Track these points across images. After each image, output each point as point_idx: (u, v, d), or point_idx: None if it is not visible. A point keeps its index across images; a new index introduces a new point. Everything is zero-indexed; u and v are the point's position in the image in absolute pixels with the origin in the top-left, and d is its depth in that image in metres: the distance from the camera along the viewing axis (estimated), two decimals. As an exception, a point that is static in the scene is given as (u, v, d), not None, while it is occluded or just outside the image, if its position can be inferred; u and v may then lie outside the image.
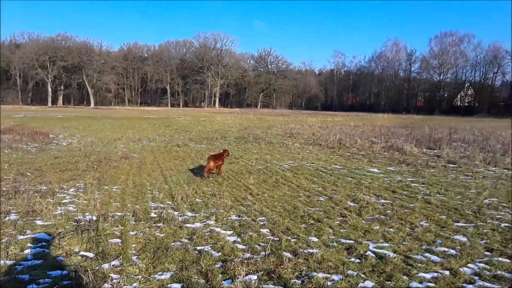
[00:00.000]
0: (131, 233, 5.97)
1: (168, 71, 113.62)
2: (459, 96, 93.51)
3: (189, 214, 7.15)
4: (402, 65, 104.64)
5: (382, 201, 8.28)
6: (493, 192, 9.18)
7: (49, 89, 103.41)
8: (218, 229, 6.23)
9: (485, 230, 6.27)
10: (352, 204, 7.99)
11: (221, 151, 11.88)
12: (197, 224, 6.46)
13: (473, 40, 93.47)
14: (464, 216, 7.10)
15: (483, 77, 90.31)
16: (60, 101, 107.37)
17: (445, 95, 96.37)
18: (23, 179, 10.08)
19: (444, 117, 64.85)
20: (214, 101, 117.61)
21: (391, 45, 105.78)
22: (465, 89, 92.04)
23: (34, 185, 9.25)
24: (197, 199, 8.30)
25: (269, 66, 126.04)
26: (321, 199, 8.45)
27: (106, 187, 9.41)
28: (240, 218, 6.93)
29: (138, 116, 52.28)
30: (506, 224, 6.59)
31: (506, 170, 12.28)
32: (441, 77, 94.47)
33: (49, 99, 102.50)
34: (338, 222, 6.75)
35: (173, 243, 5.55)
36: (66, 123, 34.24)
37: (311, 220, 6.80)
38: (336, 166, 12.96)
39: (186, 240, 5.71)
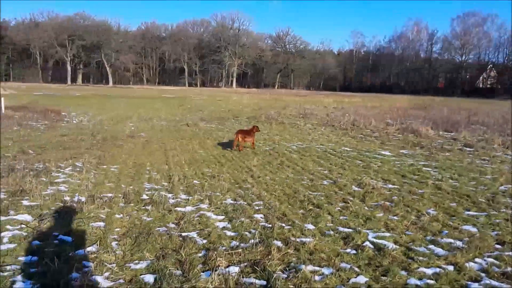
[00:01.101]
0: (117, 216, 5.66)
1: (185, 51, 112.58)
2: (481, 77, 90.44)
3: (183, 196, 6.82)
4: (423, 46, 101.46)
5: (390, 186, 7.81)
6: (510, 178, 8.59)
7: (69, 68, 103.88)
8: (209, 214, 5.87)
9: (497, 220, 5.76)
10: (356, 188, 7.54)
11: (251, 127, 12.56)
12: (188, 208, 6.12)
13: (497, 20, 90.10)
14: (476, 204, 6.59)
15: (506, 58, 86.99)
16: (80, 80, 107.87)
17: (467, 76, 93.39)
18: (23, 156, 9.91)
19: (465, 98, 62.68)
20: (232, 81, 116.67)
21: (412, 25, 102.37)
22: (488, 71, 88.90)
23: (32, 164, 9.05)
24: (195, 181, 7.97)
25: (287, 46, 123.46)
26: (325, 183, 8.02)
27: (104, 166, 9.16)
28: (235, 202, 6.56)
29: (155, 95, 52.11)
30: (522, 214, 6.06)
31: (526, 155, 11.59)
32: (463, 58, 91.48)
33: (69, 78, 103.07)
34: (339, 208, 6.33)
35: (158, 228, 5.22)
36: (81, 101, 34.30)
37: (310, 206, 6.38)
38: (346, 148, 12.46)
39: (172, 225, 5.37)
